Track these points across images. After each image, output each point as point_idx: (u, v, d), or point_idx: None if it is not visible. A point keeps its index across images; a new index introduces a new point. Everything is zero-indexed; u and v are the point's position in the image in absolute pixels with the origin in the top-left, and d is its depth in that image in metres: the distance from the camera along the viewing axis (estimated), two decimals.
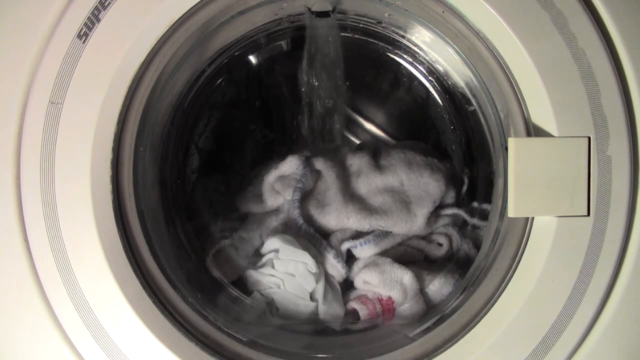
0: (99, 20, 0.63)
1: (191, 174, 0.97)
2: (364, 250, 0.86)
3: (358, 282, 0.84)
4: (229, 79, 0.96)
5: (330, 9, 0.87)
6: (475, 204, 0.93)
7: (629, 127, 0.65)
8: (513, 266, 0.68)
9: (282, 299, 0.81)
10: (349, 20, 0.91)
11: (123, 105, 0.65)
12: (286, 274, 0.81)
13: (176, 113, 0.87)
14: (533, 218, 0.67)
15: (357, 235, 0.88)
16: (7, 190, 0.64)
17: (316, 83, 0.96)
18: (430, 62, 0.93)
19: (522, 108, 0.67)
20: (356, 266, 0.86)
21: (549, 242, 0.65)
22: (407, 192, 0.90)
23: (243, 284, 0.84)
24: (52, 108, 0.63)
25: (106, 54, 0.64)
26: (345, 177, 0.93)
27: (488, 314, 0.67)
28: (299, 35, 0.92)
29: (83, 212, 0.64)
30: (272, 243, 0.83)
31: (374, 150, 0.98)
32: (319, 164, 0.91)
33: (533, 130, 0.66)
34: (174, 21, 0.66)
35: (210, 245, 0.87)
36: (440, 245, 0.91)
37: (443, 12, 0.70)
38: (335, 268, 0.84)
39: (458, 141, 0.98)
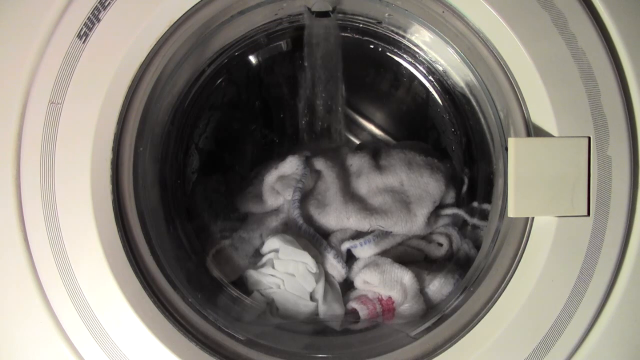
0: (99, 20, 0.63)
1: (191, 174, 0.97)
2: (364, 250, 0.86)
3: (358, 282, 0.84)
4: (229, 79, 0.96)
5: (330, 8, 0.87)
6: (475, 204, 0.93)
7: (629, 127, 0.65)
8: (513, 266, 0.68)
9: (282, 299, 0.81)
10: (348, 20, 0.91)
11: (123, 105, 0.65)
12: (286, 274, 0.81)
13: (176, 113, 0.87)
14: (533, 218, 0.67)
15: (357, 235, 0.88)
16: (7, 190, 0.64)
17: (316, 83, 0.96)
18: (430, 62, 0.93)
19: (522, 108, 0.67)
20: (356, 266, 0.86)
21: (549, 242, 0.65)
22: (407, 192, 0.90)
23: (243, 284, 0.84)
24: (52, 108, 0.63)
25: (106, 54, 0.64)
26: (345, 177, 0.93)
27: (488, 314, 0.67)
28: (299, 35, 0.92)
29: (83, 212, 0.64)
30: (272, 243, 0.83)
31: (374, 150, 0.98)
32: (319, 164, 0.91)
33: (533, 130, 0.66)
34: (173, 21, 0.66)
35: (210, 245, 0.87)
36: (440, 245, 0.91)
37: (443, 12, 0.70)
38: (335, 268, 0.84)
39: (458, 141, 0.97)
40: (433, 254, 0.90)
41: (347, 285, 0.87)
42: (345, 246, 0.86)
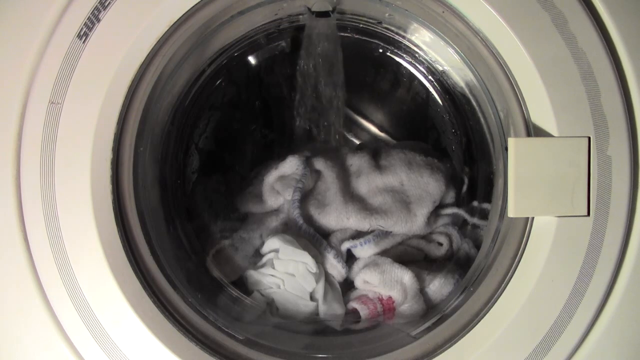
0: (99, 20, 0.63)
1: (191, 174, 0.97)
2: (364, 250, 0.86)
3: (358, 282, 0.84)
4: (229, 79, 0.96)
5: (330, 8, 0.87)
6: (475, 204, 0.93)
7: (629, 127, 0.65)
8: (513, 266, 0.68)
9: (282, 299, 0.81)
10: (348, 20, 0.91)
11: (123, 105, 0.65)
12: (286, 274, 0.81)
13: (176, 113, 0.87)
14: (533, 218, 0.67)
15: (357, 235, 0.88)
16: (7, 190, 0.64)
17: (316, 83, 0.96)
18: (430, 62, 0.93)
19: (522, 108, 0.67)
20: (356, 266, 0.86)
21: (549, 242, 0.65)
22: (407, 192, 0.90)
23: (243, 284, 0.84)
24: (52, 108, 0.63)
25: (106, 54, 0.64)
26: (345, 177, 0.93)
27: (488, 314, 0.67)
28: (299, 35, 0.92)
29: (83, 212, 0.64)
30: (272, 243, 0.83)
31: (374, 150, 0.98)
32: (319, 164, 0.91)
33: (533, 130, 0.66)
34: (173, 21, 0.66)
35: (210, 245, 0.87)
36: (440, 244, 0.91)
37: (443, 12, 0.70)
38: (336, 268, 0.84)
39: (458, 141, 0.97)
40: (433, 254, 0.90)
41: (347, 285, 0.87)
42: (345, 246, 0.86)
